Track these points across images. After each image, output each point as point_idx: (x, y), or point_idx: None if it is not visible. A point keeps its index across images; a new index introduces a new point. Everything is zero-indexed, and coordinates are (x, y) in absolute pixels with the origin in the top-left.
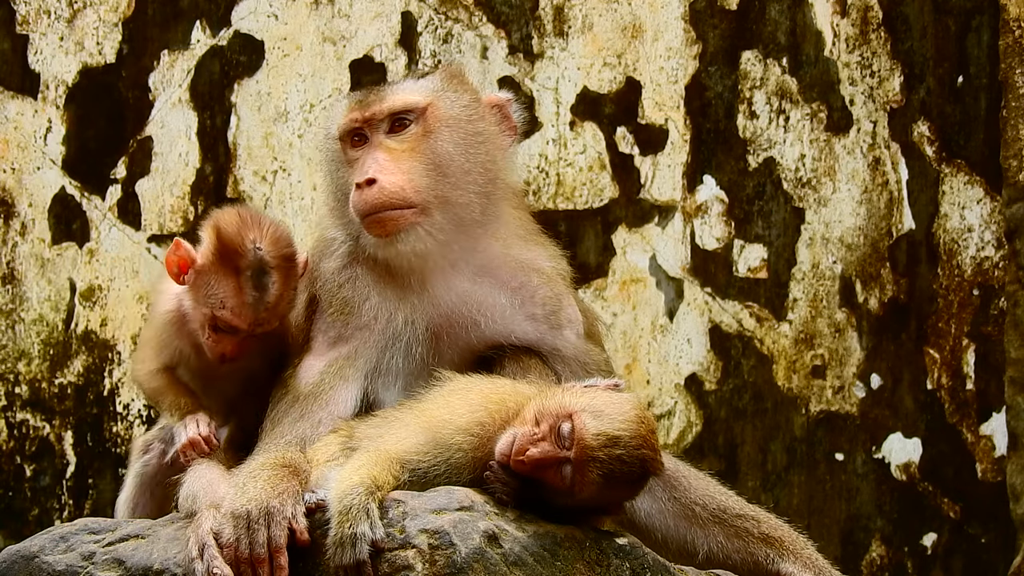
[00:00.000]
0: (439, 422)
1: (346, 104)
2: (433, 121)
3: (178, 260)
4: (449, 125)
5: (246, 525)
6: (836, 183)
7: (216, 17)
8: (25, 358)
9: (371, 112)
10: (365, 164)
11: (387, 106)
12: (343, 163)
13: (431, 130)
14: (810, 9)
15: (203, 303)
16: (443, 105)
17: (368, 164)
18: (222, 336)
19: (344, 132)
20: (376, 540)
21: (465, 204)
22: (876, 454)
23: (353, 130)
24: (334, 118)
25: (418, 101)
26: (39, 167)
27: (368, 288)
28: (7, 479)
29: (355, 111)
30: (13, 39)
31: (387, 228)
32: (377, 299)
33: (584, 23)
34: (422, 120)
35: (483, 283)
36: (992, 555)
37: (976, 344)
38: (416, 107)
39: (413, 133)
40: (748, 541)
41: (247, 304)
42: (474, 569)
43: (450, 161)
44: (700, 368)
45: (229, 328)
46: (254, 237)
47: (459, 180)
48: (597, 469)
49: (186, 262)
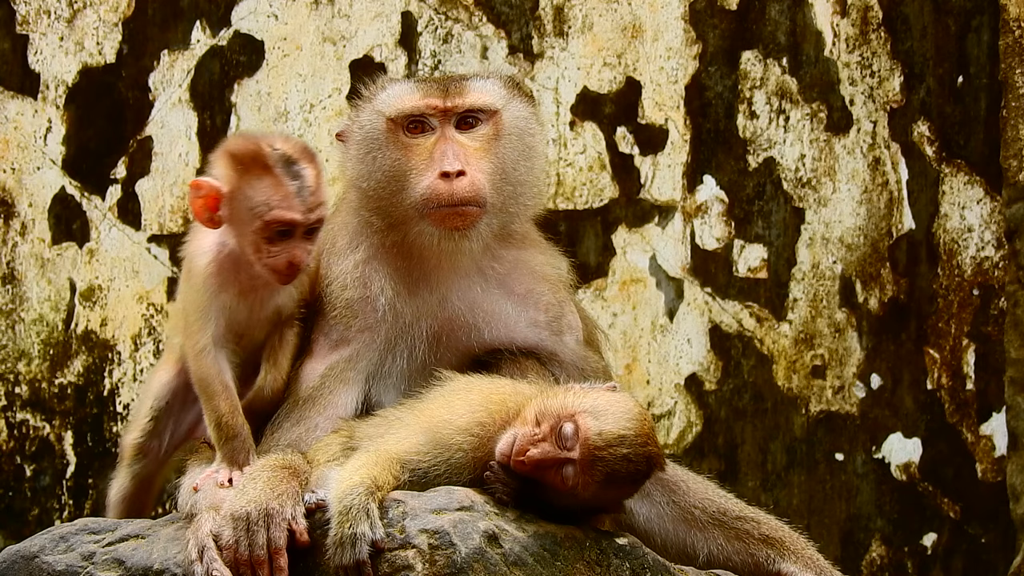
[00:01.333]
0: (439, 422)
1: (406, 87)
2: (503, 127)
3: (205, 198)
4: (516, 133)
5: (245, 527)
6: (836, 183)
7: (216, 17)
8: (25, 358)
9: (453, 103)
10: (446, 153)
11: (469, 101)
12: (394, 145)
13: (500, 135)
14: (810, 9)
15: (248, 219)
16: (513, 112)
17: (450, 154)
18: (281, 244)
19: (406, 115)
20: (376, 540)
21: (514, 213)
22: (876, 454)
23: (419, 115)
24: (387, 98)
25: (495, 103)
26: (39, 167)
27: (383, 283)
28: (7, 479)
29: (433, 97)
30: (13, 39)
31: (464, 222)
32: (391, 295)
33: (584, 23)
34: (492, 123)
35: (492, 289)
36: (992, 555)
37: (976, 344)
38: (491, 108)
39: (483, 134)
40: (748, 542)
41: (291, 193)
42: (474, 569)
43: (513, 168)
44: (700, 368)
45: (285, 226)
46: (268, 141)
47: (515, 189)
48: (602, 468)
49: (213, 196)
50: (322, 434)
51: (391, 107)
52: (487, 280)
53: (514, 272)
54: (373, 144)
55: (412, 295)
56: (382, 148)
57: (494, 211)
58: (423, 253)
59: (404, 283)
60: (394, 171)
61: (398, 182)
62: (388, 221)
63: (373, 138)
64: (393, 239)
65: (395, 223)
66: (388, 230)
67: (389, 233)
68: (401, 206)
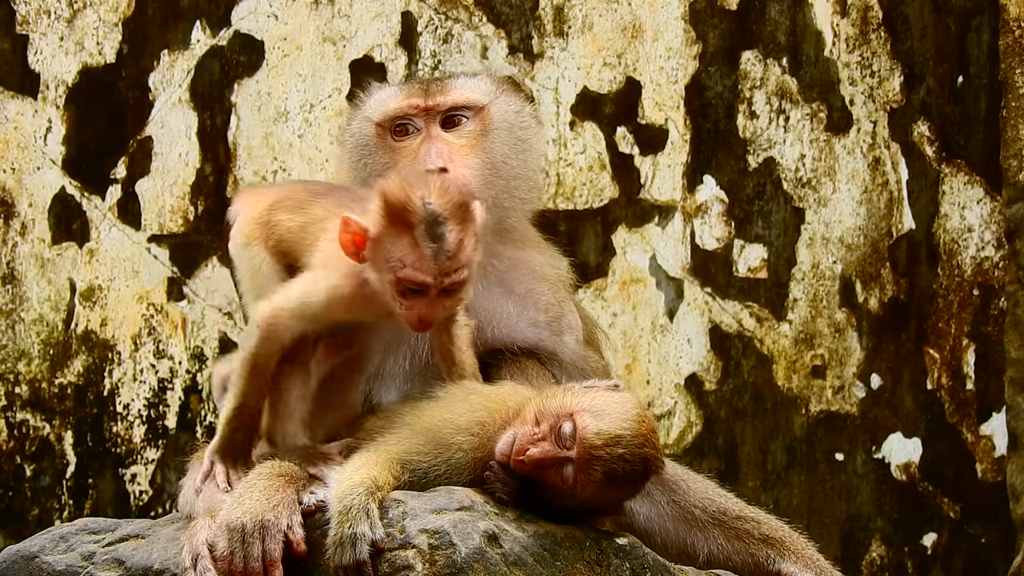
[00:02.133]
0: (439, 422)
1: (391, 91)
2: (490, 122)
3: (352, 236)
4: (505, 128)
5: (240, 539)
6: (836, 183)
7: (216, 17)
8: (25, 358)
9: (435, 102)
10: (429, 153)
11: (451, 99)
12: (382, 150)
13: (488, 130)
14: (810, 9)
15: (385, 270)
16: (501, 107)
17: (433, 153)
18: (413, 299)
19: (391, 118)
20: (376, 540)
21: (509, 208)
22: (876, 454)
23: (404, 116)
24: (374, 103)
25: (479, 99)
26: (39, 167)
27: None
28: (7, 479)
29: (414, 98)
30: (13, 39)
31: None
32: None
33: (584, 23)
34: (478, 119)
35: (492, 288)
36: (992, 555)
37: (976, 344)
38: (476, 105)
39: (470, 131)
40: (749, 542)
41: (427, 256)
42: (474, 569)
43: (504, 164)
44: (700, 368)
45: (416, 287)
46: (421, 193)
47: (508, 184)
48: (599, 468)
49: (360, 235)
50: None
51: (377, 111)
52: (487, 278)
53: (514, 271)
54: (364, 150)
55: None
56: (372, 153)
57: (486, 206)
58: None
59: None
60: (377, 173)
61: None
62: None
63: (363, 144)
64: None
65: None
66: None
67: None
68: None
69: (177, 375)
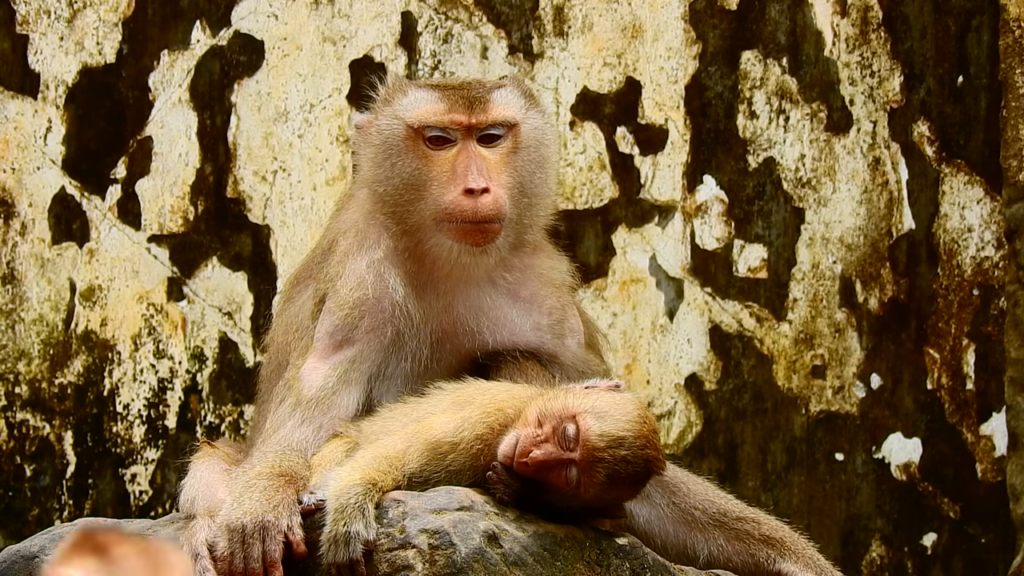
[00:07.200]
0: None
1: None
2: (521, 140)
3: None
4: (533, 145)
5: (240, 539)
6: (836, 183)
7: (216, 17)
8: (25, 358)
9: (477, 119)
10: (470, 169)
11: (492, 116)
12: (414, 154)
13: (519, 148)
14: (810, 9)
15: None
16: (530, 124)
17: (474, 169)
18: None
19: (429, 126)
20: (369, 539)
21: (528, 225)
22: (876, 454)
23: (444, 128)
24: (408, 105)
25: (515, 117)
26: (39, 167)
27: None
28: (7, 479)
29: (457, 113)
30: (13, 39)
31: (485, 238)
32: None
33: (584, 23)
34: (511, 136)
35: (500, 297)
36: (992, 555)
37: (976, 344)
38: (511, 122)
39: (504, 147)
40: (749, 543)
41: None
42: (474, 569)
43: (530, 181)
44: (700, 368)
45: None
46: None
47: (531, 201)
48: (602, 470)
49: None
50: (327, 435)
51: (413, 116)
52: (496, 288)
53: (521, 275)
54: (392, 150)
55: (420, 299)
56: (401, 155)
57: (511, 225)
58: (436, 262)
59: (413, 286)
60: (413, 180)
61: (417, 191)
62: (403, 227)
63: (392, 144)
64: (406, 244)
65: (410, 229)
66: (402, 235)
67: (402, 237)
68: (418, 214)
69: (177, 375)
